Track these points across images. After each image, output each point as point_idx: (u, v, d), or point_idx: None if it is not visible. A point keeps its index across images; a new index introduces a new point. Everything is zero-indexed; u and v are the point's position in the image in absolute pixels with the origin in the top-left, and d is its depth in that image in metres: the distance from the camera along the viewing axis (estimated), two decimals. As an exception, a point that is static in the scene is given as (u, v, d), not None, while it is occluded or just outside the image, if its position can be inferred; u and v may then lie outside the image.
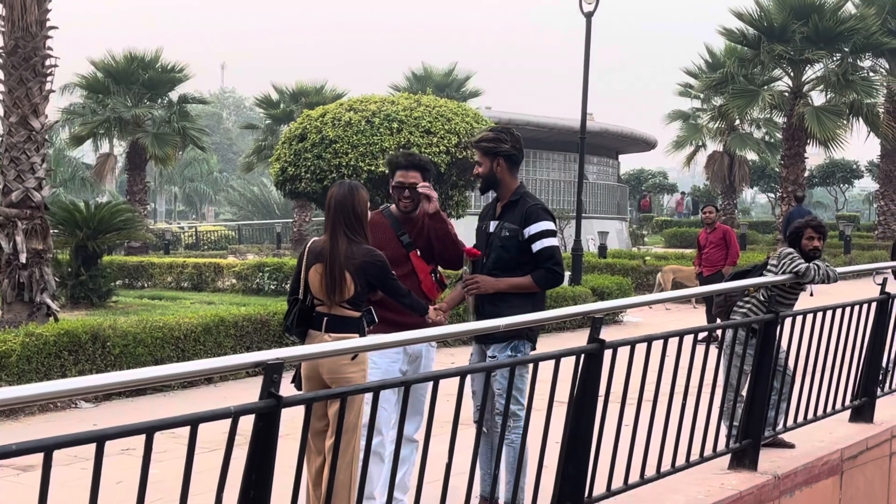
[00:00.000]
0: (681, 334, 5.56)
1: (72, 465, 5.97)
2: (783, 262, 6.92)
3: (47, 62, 12.28)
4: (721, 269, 13.66)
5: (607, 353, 4.83)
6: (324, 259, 4.94)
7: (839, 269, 7.24)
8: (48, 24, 12.34)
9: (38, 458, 2.78)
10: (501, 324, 4.76)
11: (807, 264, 6.86)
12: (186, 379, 9.19)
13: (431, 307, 5.41)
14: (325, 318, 4.92)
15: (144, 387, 9.05)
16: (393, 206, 5.72)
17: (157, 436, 3.06)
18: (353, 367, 4.83)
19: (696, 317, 14.73)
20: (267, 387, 3.33)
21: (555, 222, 5.42)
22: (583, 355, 4.75)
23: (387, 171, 5.81)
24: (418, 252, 5.56)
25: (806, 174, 31.27)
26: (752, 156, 41.57)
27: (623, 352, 4.99)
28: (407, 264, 5.53)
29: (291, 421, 4.02)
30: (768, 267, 7.08)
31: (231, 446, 3.28)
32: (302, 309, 4.99)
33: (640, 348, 5.12)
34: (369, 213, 5.37)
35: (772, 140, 39.02)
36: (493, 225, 5.46)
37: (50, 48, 12.41)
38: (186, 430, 3.20)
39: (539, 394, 4.69)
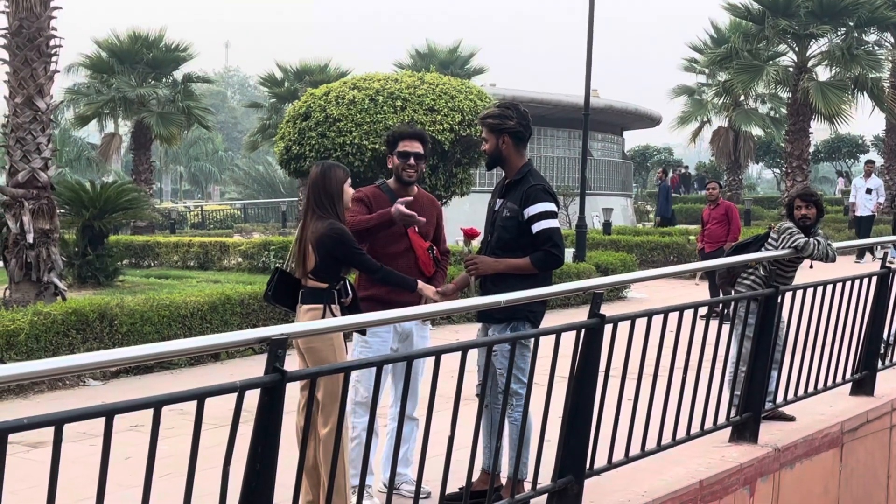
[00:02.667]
0: (681, 309, 5.61)
1: (80, 441, 6.06)
2: (783, 236, 6.96)
3: (52, 42, 12.30)
4: (722, 246, 13.72)
5: (608, 328, 4.88)
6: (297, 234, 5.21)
7: (842, 244, 7.28)
8: (52, 4, 12.36)
9: (48, 434, 2.83)
10: (503, 299, 4.80)
11: (806, 239, 6.89)
12: (192, 354, 9.28)
13: (429, 287, 5.37)
14: (301, 291, 5.15)
15: (151, 363, 9.15)
16: (391, 181, 5.69)
17: (166, 413, 3.12)
18: (317, 339, 4.92)
19: (704, 293, 14.74)
20: (272, 361, 3.40)
21: (556, 203, 5.32)
22: (583, 330, 4.81)
23: (383, 146, 5.81)
24: (416, 228, 5.53)
25: (811, 149, 31.19)
26: (757, 131, 41.49)
27: (624, 327, 5.05)
28: (404, 240, 5.52)
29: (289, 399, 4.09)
30: (769, 241, 7.12)
31: (237, 420, 3.34)
32: (283, 279, 5.21)
33: (641, 323, 5.18)
34: (367, 187, 5.69)
35: (777, 115, 38.91)
36: (498, 203, 5.39)
37: (54, 28, 12.42)
38: (195, 407, 3.26)
39: (540, 369, 4.75)
